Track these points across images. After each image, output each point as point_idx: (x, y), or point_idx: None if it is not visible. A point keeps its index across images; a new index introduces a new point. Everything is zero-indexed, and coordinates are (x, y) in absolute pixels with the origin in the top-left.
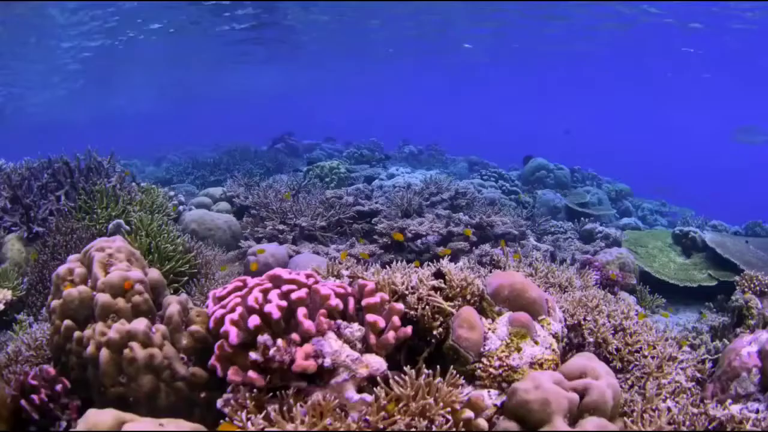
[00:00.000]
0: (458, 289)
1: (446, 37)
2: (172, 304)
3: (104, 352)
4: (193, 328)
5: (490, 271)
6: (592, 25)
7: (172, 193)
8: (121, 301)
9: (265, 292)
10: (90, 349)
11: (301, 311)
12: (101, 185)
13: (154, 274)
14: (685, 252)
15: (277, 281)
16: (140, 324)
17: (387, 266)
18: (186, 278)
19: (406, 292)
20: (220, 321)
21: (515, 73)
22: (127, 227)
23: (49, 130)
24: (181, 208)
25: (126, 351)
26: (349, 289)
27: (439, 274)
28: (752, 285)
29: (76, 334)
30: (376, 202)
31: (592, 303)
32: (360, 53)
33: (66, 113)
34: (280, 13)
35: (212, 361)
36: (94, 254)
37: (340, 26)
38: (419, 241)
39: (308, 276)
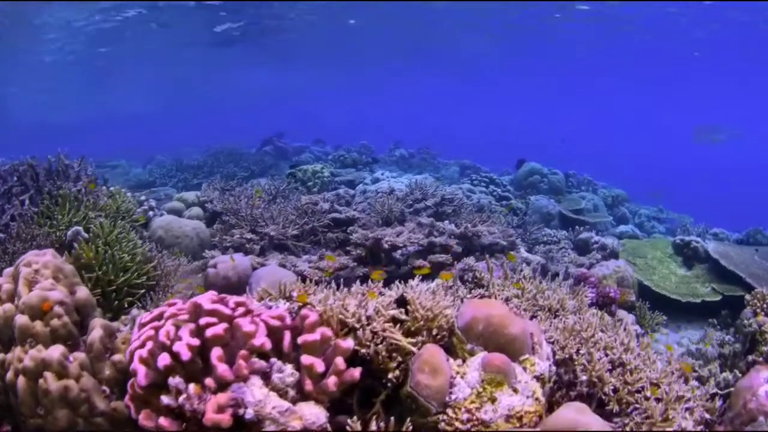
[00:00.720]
0: (422, 322)
1: (439, 38)
2: (95, 329)
3: (21, 381)
4: (117, 357)
5: (470, 291)
6: (587, 20)
7: (142, 198)
8: (38, 325)
9: (179, 326)
10: (9, 375)
11: (216, 353)
12: (65, 190)
13: (82, 293)
14: (686, 263)
15: (196, 312)
16: (55, 352)
17: (356, 282)
18: (142, 291)
19: (357, 326)
20: (132, 356)
21: (510, 73)
22: (86, 235)
23: (40, 132)
24: (150, 213)
25: (41, 381)
26: (289, 320)
27: (402, 302)
28: (764, 305)
29: (0, 356)
30: (355, 209)
31: (587, 332)
32: (350, 54)
33: (57, 114)
34: (270, 13)
35: (126, 400)
36: (21, 269)
37: (330, 26)
38: (399, 252)
39: (237, 305)
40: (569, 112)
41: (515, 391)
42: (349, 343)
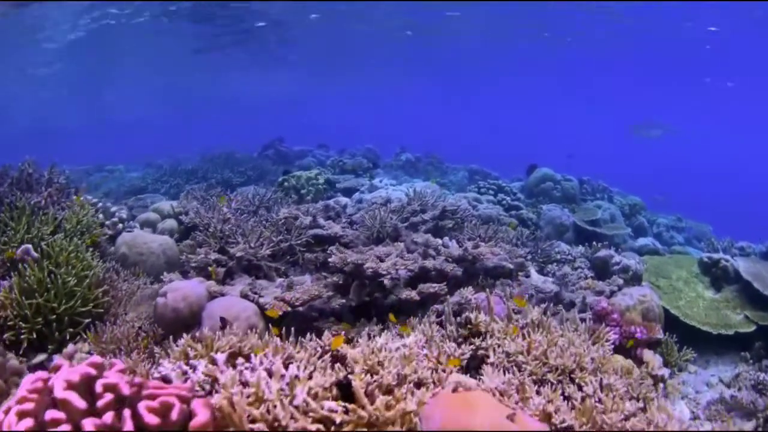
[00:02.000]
0: (367, 429)
1: (447, 39)
2: None
3: None
4: None
5: (465, 339)
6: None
7: (113, 209)
8: None
9: (21, 417)
10: None
11: None
12: (23, 202)
13: None
14: (714, 284)
15: (43, 400)
16: None
17: (329, 319)
18: (87, 321)
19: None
20: None
21: (519, 74)
22: (35, 254)
23: (40, 135)
24: (120, 226)
25: None
26: (176, 416)
27: (347, 385)
28: None
29: None
30: (344, 222)
31: (611, 416)
32: (355, 58)
33: (56, 118)
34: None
35: None
36: None
37: (335, 29)
38: (385, 279)
39: (106, 389)
40: (579, 116)
41: None
42: None
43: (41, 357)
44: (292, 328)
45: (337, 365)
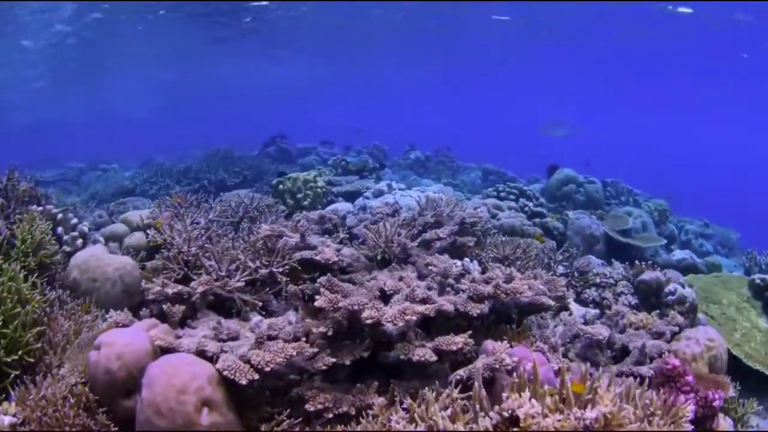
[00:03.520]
0: None
1: (460, 30)
2: None
3: None
4: None
5: None
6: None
7: (75, 221)
8: None
9: None
10: None
11: None
12: None
13: None
14: (767, 309)
15: None
16: None
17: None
18: (14, 374)
19: None
20: None
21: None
22: None
23: (39, 132)
24: (80, 242)
25: None
26: None
27: None
28: None
29: None
30: (345, 236)
31: None
32: (363, 49)
33: (53, 113)
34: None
35: None
36: None
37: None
38: (394, 330)
39: None
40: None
41: None
42: None
43: None
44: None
45: None
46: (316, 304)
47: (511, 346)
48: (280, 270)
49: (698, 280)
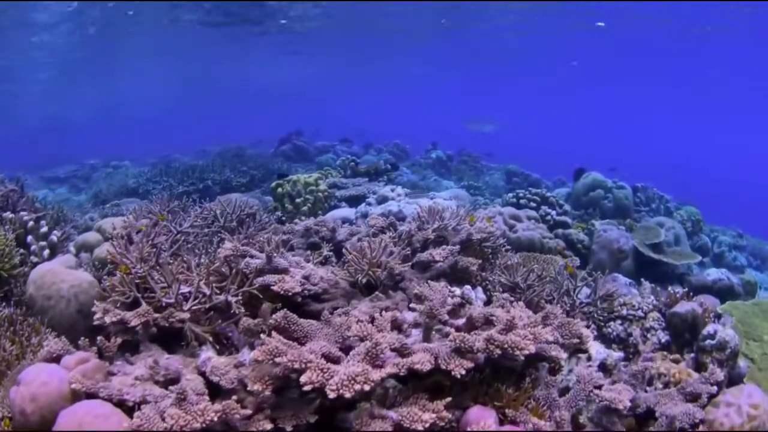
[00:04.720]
0: None
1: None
2: None
3: None
4: None
5: None
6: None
7: (44, 229)
8: None
9: None
10: None
11: None
12: None
13: None
14: None
15: None
16: None
17: None
18: None
19: None
20: None
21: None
22: None
23: (52, 129)
24: (47, 253)
25: None
26: None
27: None
28: None
29: None
30: (330, 252)
31: None
32: (384, 48)
33: (68, 110)
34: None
35: None
36: None
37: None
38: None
39: None
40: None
41: None
42: None
43: None
44: None
45: None
46: (251, 355)
47: (505, 416)
48: (236, 299)
49: (734, 309)
